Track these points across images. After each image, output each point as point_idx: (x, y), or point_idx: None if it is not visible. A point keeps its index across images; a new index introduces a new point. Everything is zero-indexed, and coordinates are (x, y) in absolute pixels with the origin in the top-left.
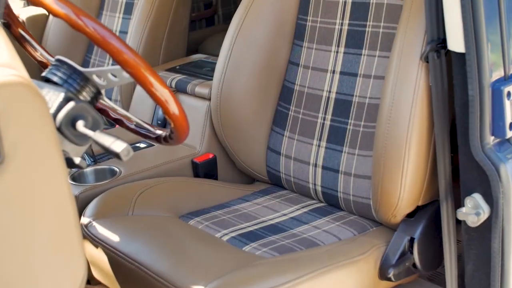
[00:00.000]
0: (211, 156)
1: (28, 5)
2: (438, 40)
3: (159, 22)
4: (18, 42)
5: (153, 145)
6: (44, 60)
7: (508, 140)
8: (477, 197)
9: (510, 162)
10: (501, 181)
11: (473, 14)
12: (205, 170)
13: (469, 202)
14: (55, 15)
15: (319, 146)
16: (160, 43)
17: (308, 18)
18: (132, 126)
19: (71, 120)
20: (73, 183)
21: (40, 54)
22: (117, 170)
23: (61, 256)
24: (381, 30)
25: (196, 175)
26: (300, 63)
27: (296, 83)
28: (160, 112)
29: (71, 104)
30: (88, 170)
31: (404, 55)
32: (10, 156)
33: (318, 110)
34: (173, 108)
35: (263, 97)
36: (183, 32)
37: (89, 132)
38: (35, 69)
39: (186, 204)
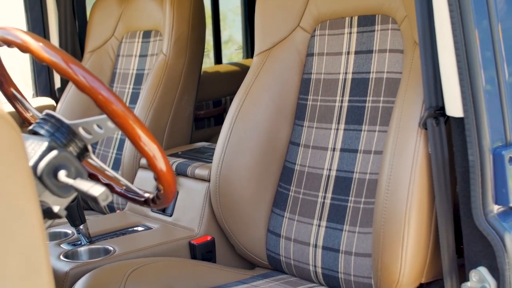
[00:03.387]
0: (209, 238)
1: (37, 95)
2: (436, 107)
3: (163, 109)
4: (10, 101)
5: (151, 228)
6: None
7: None
8: (483, 270)
9: None
10: (507, 252)
11: (470, 78)
12: (202, 252)
13: (474, 275)
14: (43, 61)
15: (319, 225)
16: (163, 129)
17: (309, 97)
18: (121, 190)
19: (53, 170)
20: (66, 260)
21: (31, 115)
22: (112, 249)
23: None
24: (380, 104)
25: (194, 257)
26: (301, 143)
27: (297, 163)
28: None
29: (53, 153)
30: (82, 249)
31: (402, 124)
32: None
33: (318, 189)
34: (161, 164)
35: (263, 178)
36: (187, 119)
37: (69, 181)
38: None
39: (180, 284)
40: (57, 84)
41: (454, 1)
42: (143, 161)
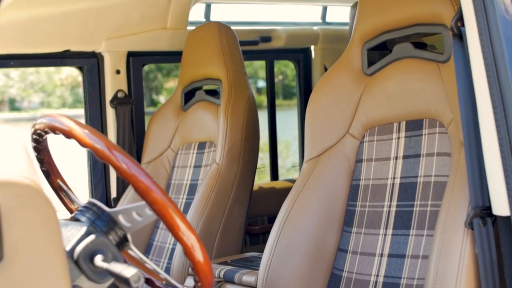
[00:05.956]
0: None
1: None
2: (483, 207)
3: (214, 217)
4: (56, 193)
5: None
6: None
7: None
8: None
9: None
10: None
11: None
12: None
13: None
14: (87, 147)
15: None
16: (213, 238)
17: (357, 203)
18: (161, 285)
19: (90, 254)
20: None
21: (76, 207)
22: None
23: None
24: (428, 208)
25: None
26: (349, 249)
27: (344, 270)
28: None
29: (91, 238)
30: None
31: (448, 225)
32: (9, 256)
33: None
34: (199, 255)
35: (310, 286)
36: (238, 229)
37: (104, 264)
38: None
39: None
40: (113, 194)
41: (497, 98)
42: None
